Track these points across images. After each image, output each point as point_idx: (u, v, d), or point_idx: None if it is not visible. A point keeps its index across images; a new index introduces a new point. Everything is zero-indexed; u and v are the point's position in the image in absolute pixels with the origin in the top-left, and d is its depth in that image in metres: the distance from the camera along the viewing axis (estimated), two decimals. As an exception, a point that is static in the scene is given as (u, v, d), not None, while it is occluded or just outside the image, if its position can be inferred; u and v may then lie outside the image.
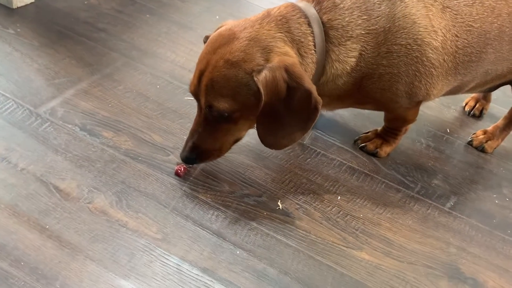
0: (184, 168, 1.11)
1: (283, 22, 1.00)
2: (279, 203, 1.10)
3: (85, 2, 1.61)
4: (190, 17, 1.67)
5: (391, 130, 1.30)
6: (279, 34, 0.98)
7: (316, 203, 1.13)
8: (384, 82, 1.09)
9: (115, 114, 1.22)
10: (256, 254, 0.98)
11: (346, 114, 1.42)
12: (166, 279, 0.90)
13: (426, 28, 1.05)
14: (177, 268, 0.92)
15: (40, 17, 1.51)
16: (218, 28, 1.05)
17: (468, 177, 1.30)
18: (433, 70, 1.09)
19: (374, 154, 1.30)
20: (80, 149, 1.11)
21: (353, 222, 1.10)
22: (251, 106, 0.97)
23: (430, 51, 1.06)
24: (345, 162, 1.26)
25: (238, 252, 0.98)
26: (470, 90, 1.29)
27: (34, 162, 1.06)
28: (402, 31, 1.04)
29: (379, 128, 1.33)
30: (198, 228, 1.00)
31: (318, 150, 1.28)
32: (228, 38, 0.97)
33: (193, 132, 1.04)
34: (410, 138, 1.39)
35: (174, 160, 1.14)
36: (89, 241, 0.93)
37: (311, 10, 1.02)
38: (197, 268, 0.93)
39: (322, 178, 1.20)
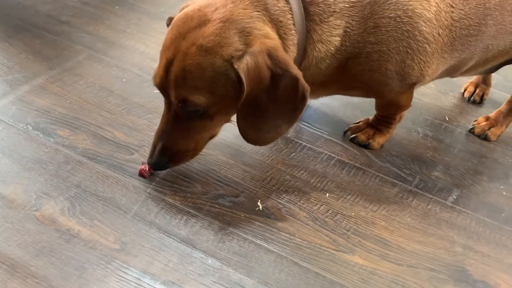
0: (149, 167, 0.97)
1: None
2: (259, 204, 0.97)
3: (48, -5, 1.49)
4: (163, 7, 1.54)
5: (383, 119, 1.17)
6: (256, 13, 0.85)
7: (301, 201, 0.99)
8: (372, 62, 0.96)
9: (74, 111, 1.09)
10: (231, 263, 0.85)
11: (334, 104, 1.29)
12: (124, 296, 0.77)
13: (417, -2, 0.92)
14: (136, 283, 0.79)
15: (-4, 11, 1.38)
16: (183, 9, 0.92)
17: (471, 167, 1.17)
18: (426, 46, 0.96)
19: (366, 146, 1.17)
20: (30, 150, 0.98)
21: (344, 221, 0.97)
22: (230, 99, 0.84)
23: (423, 23, 0.94)
24: (334, 155, 1.13)
25: (209, 261, 0.85)
26: (469, 71, 1.16)
27: (-25, 166, 0.93)
28: (390, 2, 0.92)
29: (371, 117, 1.20)
30: (163, 236, 0.87)
31: (304, 144, 1.15)
32: (198, 20, 0.83)
33: (161, 133, 0.90)
34: (405, 128, 1.26)
35: (138, 159, 1.00)
36: (33, 255, 0.79)
37: None
38: (160, 281, 0.80)
39: (308, 174, 1.07)
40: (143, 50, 1.33)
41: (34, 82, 1.15)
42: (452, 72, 1.12)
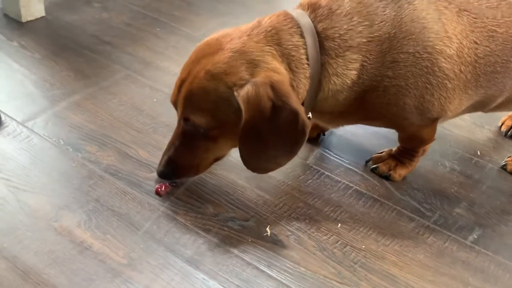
0: (165, 186, 1.02)
1: (273, 33, 0.90)
2: (267, 229, 0.98)
3: (96, 16, 1.59)
4: (202, 30, 1.60)
5: (406, 151, 1.15)
6: (268, 47, 0.89)
7: (311, 230, 1.00)
8: (390, 95, 0.96)
9: (103, 128, 1.16)
10: (232, 287, 0.87)
11: (359, 132, 1.28)
12: (125, 310, 0.81)
13: (438, 34, 0.92)
14: (138, 299, 0.83)
15: (47, 30, 1.49)
16: (210, 37, 0.98)
17: (498, 206, 1.13)
18: (447, 82, 0.95)
19: (387, 177, 1.16)
20: (59, 164, 1.05)
21: (353, 254, 0.96)
22: (231, 124, 0.88)
23: (443, 60, 0.92)
24: (351, 185, 1.13)
25: (210, 283, 0.87)
26: (500, 106, 1.12)
27: (6, 175, 1.00)
28: (409, 38, 0.92)
29: (394, 148, 1.18)
30: (170, 254, 0.90)
31: (322, 171, 1.15)
32: (213, 48, 0.89)
33: (170, 145, 0.97)
34: (431, 160, 1.23)
35: (156, 177, 1.05)
36: (47, 264, 0.85)
37: (304, 19, 0.92)
38: (160, 299, 0.83)
39: (323, 202, 1.07)
40: (177, 71, 1.38)
41: (71, 99, 1.24)
42: (480, 107, 1.09)
